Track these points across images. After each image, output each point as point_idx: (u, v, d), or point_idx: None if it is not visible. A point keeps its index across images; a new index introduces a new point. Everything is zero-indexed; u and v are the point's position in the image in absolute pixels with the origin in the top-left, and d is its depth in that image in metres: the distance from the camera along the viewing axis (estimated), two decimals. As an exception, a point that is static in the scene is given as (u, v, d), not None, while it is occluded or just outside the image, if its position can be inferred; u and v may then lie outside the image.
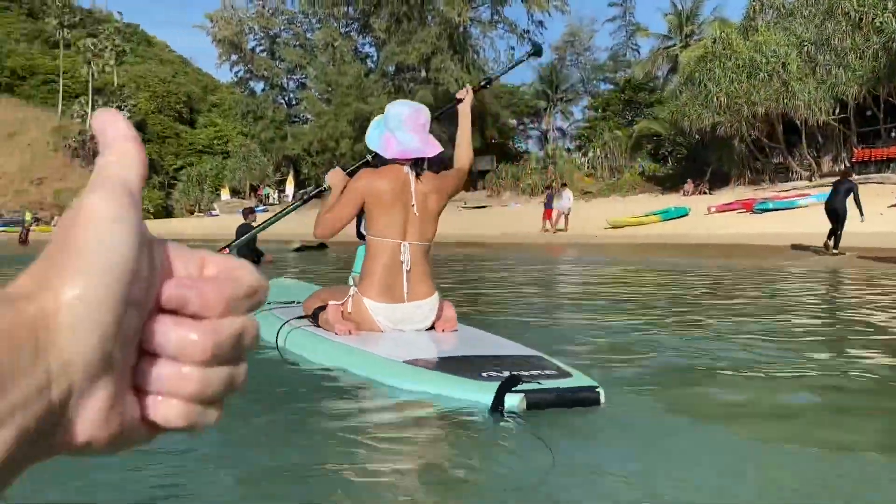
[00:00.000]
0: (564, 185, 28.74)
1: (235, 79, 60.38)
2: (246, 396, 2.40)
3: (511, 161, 46.62)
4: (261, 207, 50.43)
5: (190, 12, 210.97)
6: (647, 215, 24.25)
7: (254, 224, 11.01)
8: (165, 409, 0.33)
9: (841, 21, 25.31)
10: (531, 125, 63.89)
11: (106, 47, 65.58)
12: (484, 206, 34.64)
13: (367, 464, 2.18)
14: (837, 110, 26.46)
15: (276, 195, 59.46)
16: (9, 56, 72.60)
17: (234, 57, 57.76)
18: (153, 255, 0.33)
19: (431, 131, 3.67)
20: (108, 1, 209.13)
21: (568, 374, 2.74)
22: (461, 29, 42.71)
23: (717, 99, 27.04)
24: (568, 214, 24.71)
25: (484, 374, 2.69)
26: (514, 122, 59.69)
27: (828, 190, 14.18)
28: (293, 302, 4.26)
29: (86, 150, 62.00)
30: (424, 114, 3.71)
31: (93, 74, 65.47)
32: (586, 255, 14.43)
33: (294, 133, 55.91)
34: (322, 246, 15.81)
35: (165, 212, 63.42)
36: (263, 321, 3.63)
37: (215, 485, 2.02)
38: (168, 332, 0.32)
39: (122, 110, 64.30)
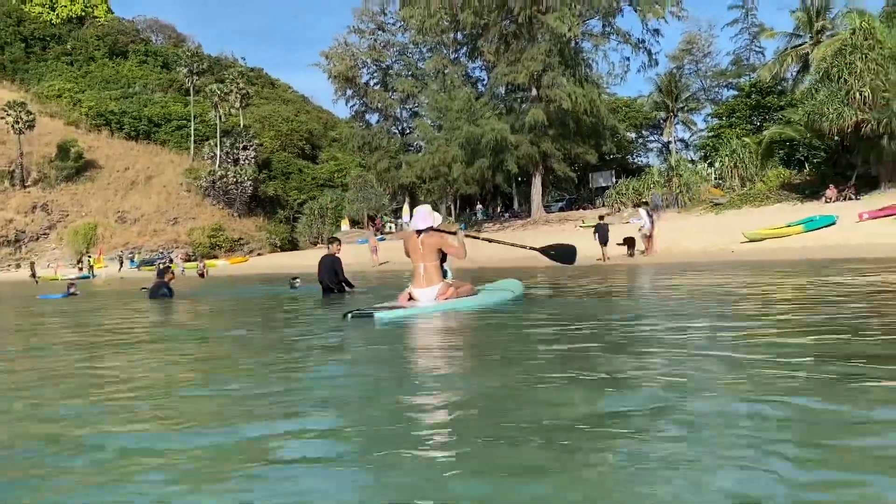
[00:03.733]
0: (643, 203, 26.51)
1: (351, 113, 61.81)
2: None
3: (631, 175, 44.80)
4: (380, 237, 50.96)
5: (308, 53, 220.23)
6: (788, 226, 22.00)
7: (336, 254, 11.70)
8: None
9: None
10: (650, 138, 61.64)
11: (231, 91, 68.88)
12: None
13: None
14: None
15: (393, 224, 60.12)
16: (146, 106, 77.90)
17: (349, 92, 59.19)
18: None
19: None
20: (235, 48, 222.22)
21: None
22: (572, 44, 41.52)
23: (860, 94, 24.47)
24: (651, 235, 21.68)
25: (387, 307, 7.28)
26: (631, 135, 57.65)
27: None
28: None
29: (215, 190, 65.10)
30: (424, 209, 7.99)
31: (220, 117, 68.92)
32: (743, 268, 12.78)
33: (408, 161, 56.40)
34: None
35: (291, 244, 65.43)
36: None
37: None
38: None
39: (248, 149, 67.58)
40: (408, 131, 60.57)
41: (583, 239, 30.43)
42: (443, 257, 7.78)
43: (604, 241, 21.74)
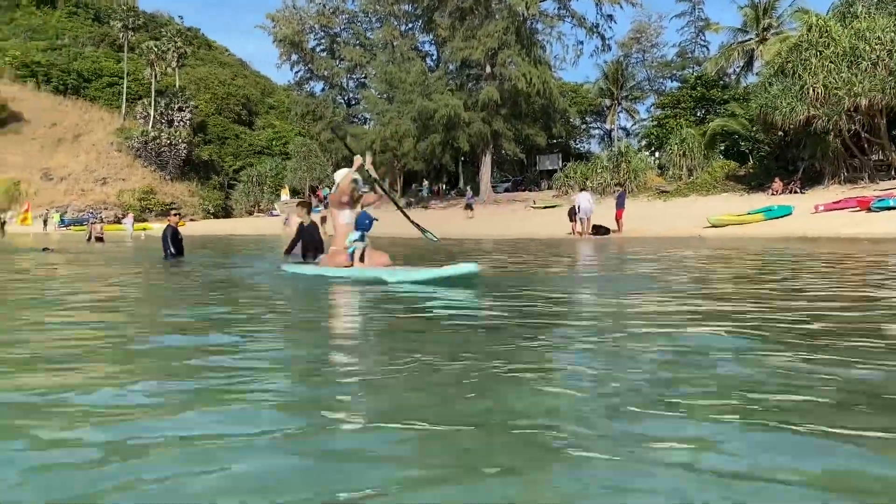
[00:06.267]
0: (583, 189, 27.04)
1: (295, 79, 60.14)
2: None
3: (573, 159, 45.17)
4: (318, 207, 49.95)
5: (245, 17, 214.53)
6: (749, 213, 22.54)
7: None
8: None
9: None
10: (594, 124, 62.32)
11: (169, 49, 66.18)
12: (554, 206, 33.17)
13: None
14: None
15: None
16: (76, 59, 74.00)
17: (294, 57, 57.52)
18: None
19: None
20: (170, 6, 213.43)
21: None
22: (529, 23, 41.37)
23: (814, 90, 25.13)
24: (589, 219, 23.06)
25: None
26: (576, 121, 58.17)
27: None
28: None
29: (147, 151, 62.53)
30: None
31: (156, 76, 66.13)
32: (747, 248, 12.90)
33: (354, 133, 55.37)
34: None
35: (225, 212, 63.57)
36: None
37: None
38: None
39: (184, 111, 65.08)
40: (354, 102, 59.44)
41: (535, 219, 30.65)
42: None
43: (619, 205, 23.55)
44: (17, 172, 58.22)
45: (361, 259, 7.75)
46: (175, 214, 13.42)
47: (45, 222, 49.63)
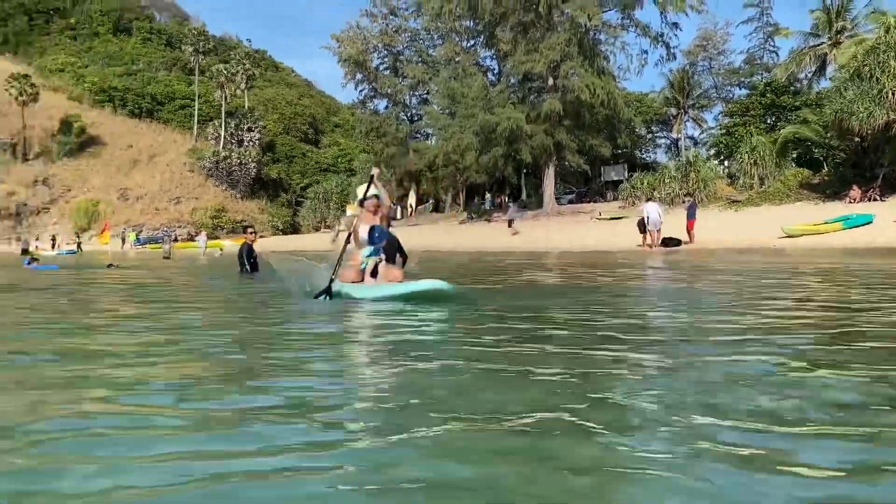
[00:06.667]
0: (650, 199, 26.51)
1: (360, 97, 61.21)
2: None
3: (640, 171, 44.46)
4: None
5: (311, 39, 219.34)
6: (826, 223, 21.75)
7: None
8: None
9: None
10: (659, 134, 61.29)
11: (238, 72, 68.25)
12: (621, 218, 32.71)
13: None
14: None
15: (399, 210, 59.69)
16: (150, 83, 77.10)
17: (358, 76, 58.62)
18: None
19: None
20: (239, 29, 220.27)
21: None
22: (591, 34, 41.06)
23: (893, 94, 24.20)
24: (659, 230, 22.87)
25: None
26: (641, 130, 57.34)
27: None
28: None
29: (219, 171, 64.49)
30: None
31: (225, 98, 68.27)
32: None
33: (416, 148, 55.89)
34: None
35: (293, 228, 64.93)
36: None
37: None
38: None
39: (253, 131, 66.94)
40: (416, 118, 60.07)
41: (601, 231, 30.28)
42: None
43: (690, 216, 23.09)
44: (96, 193, 60.86)
45: (374, 274, 7.57)
46: (251, 232, 13.85)
47: (122, 240, 51.64)
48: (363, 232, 7.77)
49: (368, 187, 7.98)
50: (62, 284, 10.75)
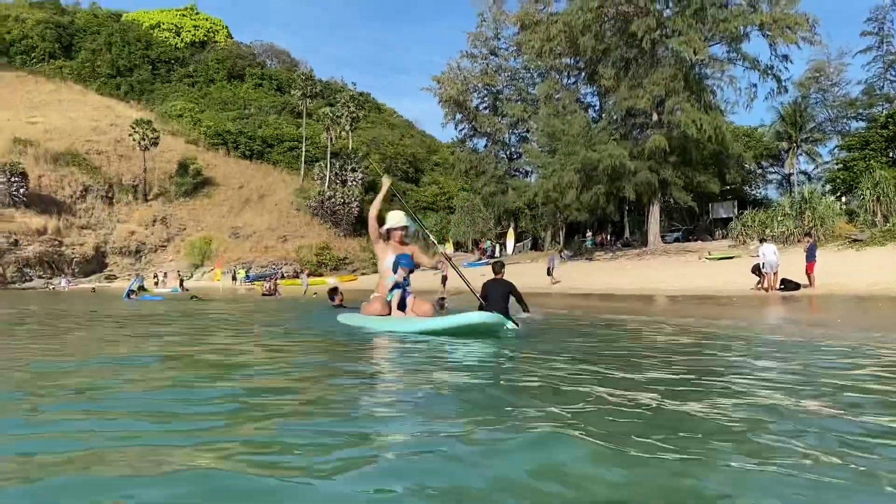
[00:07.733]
0: (763, 240, 24.95)
1: (459, 136, 61.97)
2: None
3: (749, 208, 42.62)
4: (483, 261, 50.51)
5: (412, 80, 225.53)
6: (962, 263, 20.10)
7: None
8: None
9: None
10: (770, 169, 58.81)
11: (343, 114, 70.57)
12: (731, 258, 31.31)
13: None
14: None
15: (497, 248, 59.61)
16: (261, 126, 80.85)
17: (458, 115, 59.46)
18: None
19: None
20: (344, 73, 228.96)
21: None
22: (697, 69, 40.05)
23: None
24: (776, 272, 21.50)
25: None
26: (751, 166, 55.22)
27: None
28: None
29: (323, 209, 66.43)
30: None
31: (331, 139, 70.65)
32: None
33: (515, 186, 55.83)
34: None
35: (393, 266, 65.84)
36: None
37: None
38: None
39: (356, 171, 68.78)
40: (515, 156, 60.18)
41: (710, 272, 29.02)
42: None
43: (810, 257, 21.45)
44: (209, 231, 63.86)
45: (402, 307, 7.29)
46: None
47: (233, 277, 53.74)
48: (388, 262, 7.75)
49: (383, 196, 8.48)
50: (125, 315, 11.05)
